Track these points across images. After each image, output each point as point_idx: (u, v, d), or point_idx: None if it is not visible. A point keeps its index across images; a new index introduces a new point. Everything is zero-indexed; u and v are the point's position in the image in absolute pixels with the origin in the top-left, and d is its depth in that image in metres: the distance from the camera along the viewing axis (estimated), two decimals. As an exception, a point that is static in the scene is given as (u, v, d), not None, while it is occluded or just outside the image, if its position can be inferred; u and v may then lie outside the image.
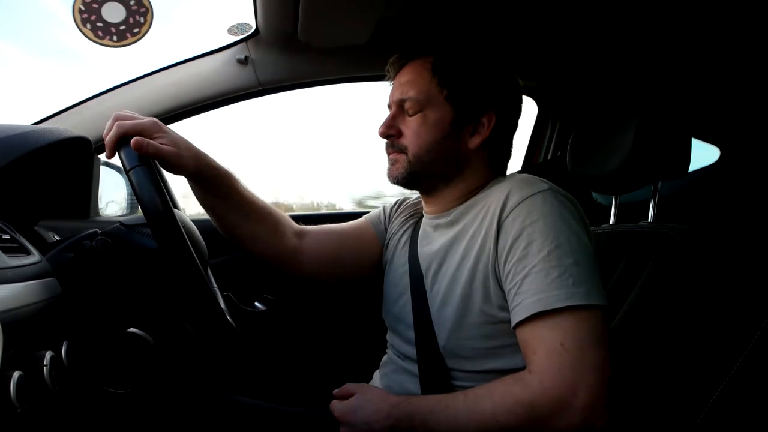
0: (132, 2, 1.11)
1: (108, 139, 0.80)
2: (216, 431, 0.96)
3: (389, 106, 0.96)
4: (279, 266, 1.04)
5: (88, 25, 1.09)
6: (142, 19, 1.13)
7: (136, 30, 1.13)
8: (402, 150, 0.93)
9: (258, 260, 1.03)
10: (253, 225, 0.98)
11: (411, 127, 0.92)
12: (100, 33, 1.11)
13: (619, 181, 1.13)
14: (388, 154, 0.96)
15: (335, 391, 0.88)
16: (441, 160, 0.91)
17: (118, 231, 0.97)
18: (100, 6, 1.10)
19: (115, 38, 1.12)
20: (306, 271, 1.06)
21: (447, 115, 0.91)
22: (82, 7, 1.09)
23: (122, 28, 1.12)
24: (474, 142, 0.92)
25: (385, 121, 0.94)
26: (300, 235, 1.06)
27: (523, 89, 1.00)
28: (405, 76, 0.94)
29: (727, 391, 0.84)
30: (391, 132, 0.94)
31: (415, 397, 0.84)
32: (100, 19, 1.10)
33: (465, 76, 0.92)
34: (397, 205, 1.14)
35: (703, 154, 1.97)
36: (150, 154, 0.80)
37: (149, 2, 1.13)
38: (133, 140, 0.78)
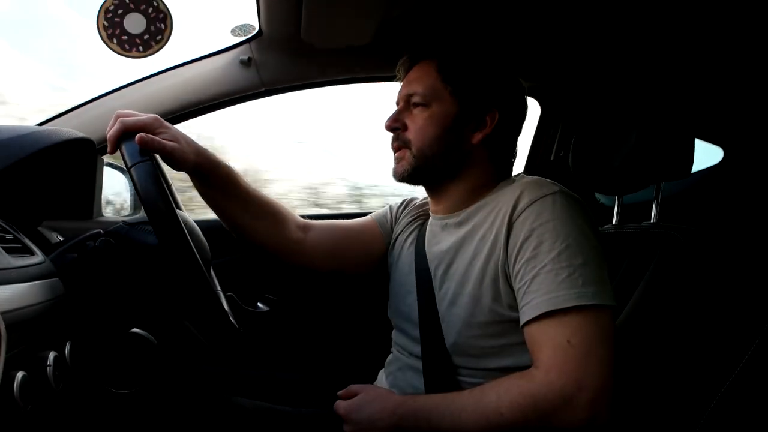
0: (150, 10, 1.13)
1: (110, 134, 0.81)
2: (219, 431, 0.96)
3: (397, 104, 0.98)
4: (280, 257, 1.05)
5: (115, 40, 1.11)
6: (162, 25, 1.14)
7: (159, 37, 1.14)
8: (406, 144, 0.94)
9: (260, 256, 1.04)
10: (254, 217, 0.99)
11: (416, 122, 0.93)
12: (126, 46, 1.13)
13: (622, 182, 1.13)
14: (394, 149, 0.97)
15: (340, 393, 0.88)
16: (444, 155, 0.93)
17: (120, 230, 0.97)
18: (122, 20, 1.11)
19: (141, 48, 1.14)
20: (307, 262, 1.07)
21: (451, 110, 0.92)
22: (106, 23, 1.10)
23: (146, 37, 1.13)
24: (476, 138, 0.93)
25: (392, 116, 0.96)
26: (304, 228, 1.07)
27: (527, 90, 1.00)
28: (413, 74, 0.97)
29: (731, 392, 0.84)
30: (396, 125, 0.95)
31: (421, 396, 0.84)
32: (124, 32, 1.12)
33: (470, 74, 0.93)
34: (404, 204, 1.14)
35: (705, 156, 1.96)
36: (155, 150, 0.80)
37: (166, 6, 1.14)
38: (137, 137, 0.79)
